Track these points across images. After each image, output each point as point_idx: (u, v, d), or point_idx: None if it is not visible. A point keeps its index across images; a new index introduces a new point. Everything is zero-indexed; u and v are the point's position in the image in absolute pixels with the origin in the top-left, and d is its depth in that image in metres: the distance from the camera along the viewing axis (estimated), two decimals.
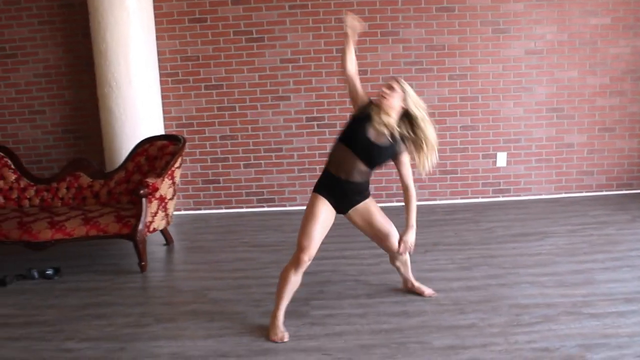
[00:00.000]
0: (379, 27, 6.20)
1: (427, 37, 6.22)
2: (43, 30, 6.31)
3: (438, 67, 6.28)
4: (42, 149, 6.55)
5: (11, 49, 6.36)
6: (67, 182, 5.56)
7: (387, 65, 6.26)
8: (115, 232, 4.87)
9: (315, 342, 3.52)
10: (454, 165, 6.47)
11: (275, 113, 6.37)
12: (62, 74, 6.40)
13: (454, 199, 6.54)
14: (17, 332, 3.88)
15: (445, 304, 3.96)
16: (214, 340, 3.62)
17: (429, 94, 6.30)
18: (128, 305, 4.26)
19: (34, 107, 6.48)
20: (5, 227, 4.91)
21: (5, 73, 6.41)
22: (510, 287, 4.19)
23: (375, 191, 6.44)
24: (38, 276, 4.87)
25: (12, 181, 5.57)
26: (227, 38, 6.25)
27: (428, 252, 5.01)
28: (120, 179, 5.49)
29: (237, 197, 6.57)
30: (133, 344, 3.63)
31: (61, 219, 4.92)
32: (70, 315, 4.11)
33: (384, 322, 3.74)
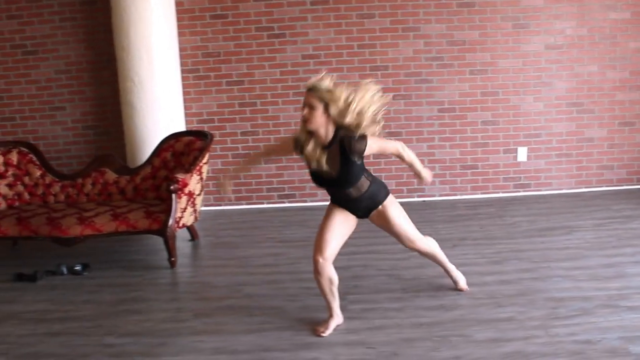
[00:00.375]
0: (400, 22, 6.26)
1: (447, 33, 6.28)
2: (64, 27, 6.34)
3: (459, 63, 6.34)
4: (62, 145, 6.59)
5: (32, 46, 6.39)
6: (92, 178, 5.61)
7: (408, 60, 6.33)
8: (145, 227, 4.92)
9: (357, 336, 3.57)
10: (474, 160, 6.55)
11: (297, 109, 6.40)
12: (83, 71, 6.44)
13: (474, 194, 6.62)
14: (54, 327, 3.93)
15: (481, 297, 4.02)
16: (255, 335, 3.66)
17: (449, 89, 6.39)
18: (163, 301, 4.32)
19: (54, 103, 6.52)
20: (34, 222, 4.96)
21: (26, 70, 6.44)
22: (544, 280, 4.26)
23: (395, 186, 6.55)
24: (67, 272, 4.91)
25: (37, 177, 5.61)
26: (248, 34, 6.30)
27: (456, 246, 5.07)
28: (147, 174, 5.54)
29: (258, 192, 6.63)
30: (174, 339, 3.68)
31: (90, 215, 4.97)
32: (107, 311, 4.16)
33: (422, 315, 3.79)
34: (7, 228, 4.99)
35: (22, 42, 6.39)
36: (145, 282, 4.68)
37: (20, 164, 5.59)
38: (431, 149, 6.50)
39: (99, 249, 5.47)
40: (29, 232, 4.97)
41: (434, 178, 6.51)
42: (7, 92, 6.50)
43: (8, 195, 5.50)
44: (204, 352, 3.49)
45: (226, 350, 3.48)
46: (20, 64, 6.43)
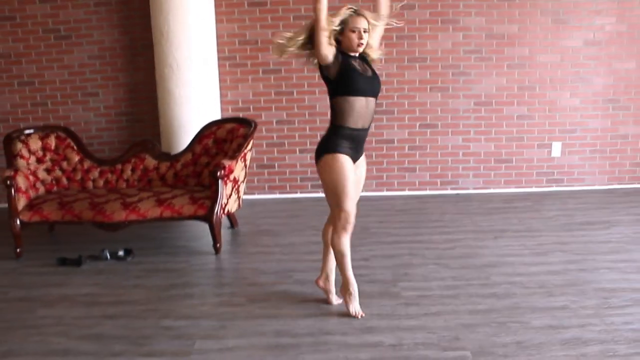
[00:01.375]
0: (440, 14, 6.45)
1: (487, 26, 6.48)
2: (99, 11, 6.48)
3: (497, 56, 6.54)
4: (94, 131, 6.74)
5: (66, 31, 6.52)
6: (132, 163, 5.76)
7: (446, 53, 6.53)
8: (190, 214, 5.09)
9: (417, 322, 3.74)
10: (509, 154, 6.75)
11: None
12: (116, 56, 6.59)
13: (507, 187, 6.82)
14: (110, 310, 4.08)
15: (532, 287, 4.22)
16: (314, 319, 3.83)
17: (487, 82, 6.59)
18: (215, 286, 4.52)
19: (87, 89, 6.67)
20: (77, 207, 5.13)
21: (59, 55, 6.57)
22: (591, 272, 4.47)
23: (430, 178, 6.76)
24: (110, 257, 5.07)
25: (76, 162, 5.76)
26: (286, 23, 6.44)
27: (498, 238, 5.28)
28: (187, 161, 5.70)
29: (291, 182, 6.81)
30: (233, 322, 3.83)
31: (134, 201, 5.14)
32: (159, 295, 4.32)
33: (478, 303, 3.98)
34: (50, 212, 5.15)
35: (56, 27, 6.53)
36: (191, 268, 4.86)
37: (59, 149, 5.74)
38: (466, 142, 6.71)
39: (140, 235, 5.65)
40: (72, 217, 5.13)
41: (468, 171, 6.75)
42: (39, 77, 6.64)
43: (46, 180, 5.65)
44: (267, 334, 3.65)
45: (288, 333, 3.65)
46: (53, 49, 6.57)
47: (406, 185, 6.81)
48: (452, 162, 6.76)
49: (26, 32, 6.55)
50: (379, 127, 6.65)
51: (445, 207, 6.29)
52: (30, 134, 5.67)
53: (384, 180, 6.77)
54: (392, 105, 6.64)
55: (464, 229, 5.57)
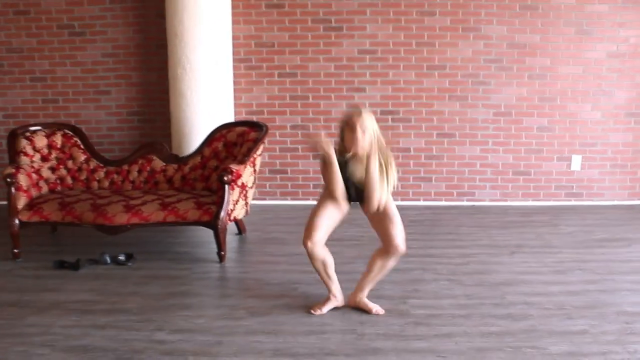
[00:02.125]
0: (461, 22, 6.19)
1: (508, 35, 6.21)
2: (114, 9, 6.30)
3: (518, 66, 6.27)
4: (105, 130, 6.55)
5: (80, 27, 6.34)
6: (139, 165, 5.54)
7: (466, 61, 6.26)
8: (195, 219, 4.84)
9: (426, 343, 3.46)
10: (527, 167, 6.46)
11: (350, 105, 6.41)
12: (130, 55, 6.40)
13: (525, 201, 6.53)
14: (101, 320, 3.82)
15: (550, 308, 3.92)
16: (316, 337, 3.57)
17: (506, 92, 6.32)
18: (215, 297, 4.27)
19: (99, 87, 6.48)
20: (79, 208, 4.90)
21: (72, 51, 6.39)
22: (611, 293, 4.15)
23: (445, 189, 6.54)
24: (110, 261, 4.84)
25: (82, 162, 5.54)
26: (304, 26, 6.25)
27: (514, 253, 4.99)
28: (196, 164, 5.46)
29: (304, 189, 6.57)
30: (230, 338, 3.57)
31: (137, 203, 4.90)
32: (155, 305, 4.06)
33: (491, 324, 3.68)
34: (50, 213, 4.93)
35: (70, 23, 6.35)
36: (193, 276, 4.61)
37: (65, 147, 5.52)
38: (484, 153, 6.43)
39: (143, 239, 5.41)
40: (72, 218, 4.90)
41: (485, 183, 6.52)
42: (51, 74, 6.46)
43: (50, 179, 5.42)
44: (264, 353, 3.38)
45: (287, 353, 3.38)
46: (67, 45, 6.39)
47: (421, 195, 6.56)
48: (469, 173, 6.50)
49: (40, 27, 6.39)
50: (395, 135, 6.40)
51: (460, 219, 6.02)
52: (36, 131, 5.46)
53: (399, 189, 6.55)
54: (409, 113, 6.39)
55: (479, 243, 5.29)
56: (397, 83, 6.33)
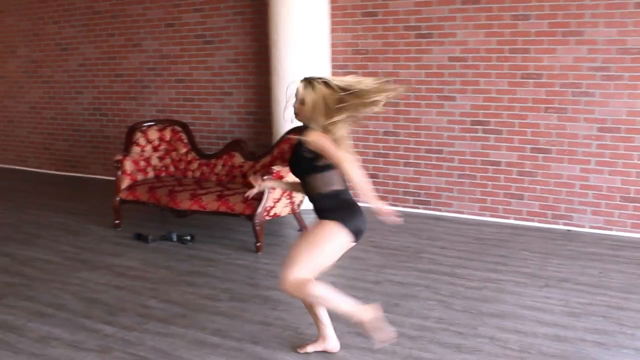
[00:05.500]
0: (561, 25, 5.55)
1: (618, 39, 5.37)
2: (236, 20, 7.03)
3: (630, 75, 5.37)
4: (228, 127, 7.32)
5: (210, 36, 7.24)
6: (223, 160, 6.17)
7: (566, 69, 5.58)
8: (240, 211, 5.33)
9: (344, 353, 3.49)
10: (639, 193, 5.54)
11: (439, 113, 6.14)
12: (248, 60, 7.06)
13: (634, 232, 5.55)
14: (125, 283, 4.65)
15: (511, 348, 3.52)
16: (261, 327, 3.81)
17: (615, 105, 5.47)
18: (221, 280, 4.69)
19: (224, 88, 7.27)
20: (159, 192, 5.74)
21: (205, 57, 7.31)
22: (608, 349, 3.52)
23: (539, 209, 5.89)
24: (176, 239, 5.57)
25: (182, 154, 6.37)
26: (396, 33, 6.21)
27: (548, 287, 4.43)
28: (266, 163, 5.89)
29: (393, 194, 6.51)
30: (196, 313, 4.05)
31: (202, 192, 5.57)
32: (173, 279, 4.72)
33: (428, 350, 3.51)
34: (141, 194, 5.89)
35: (203, 33, 7.24)
36: (225, 261, 5.12)
37: (172, 141, 6.41)
38: (585, 173, 5.64)
39: (218, 223, 6.06)
40: (154, 200, 5.78)
41: (586, 207, 5.69)
42: (189, 76, 7.45)
43: (157, 166, 6.37)
44: (206, 330, 3.79)
45: (221, 334, 3.73)
46: (201, 52, 7.31)
47: (512, 214, 5.99)
48: (567, 194, 5.75)
49: (182, 37, 7.34)
50: (485, 147, 6.00)
51: (533, 244, 5.41)
52: (151, 125, 6.44)
53: (487, 204, 6.06)
54: (500, 124, 5.92)
55: (521, 270, 4.77)
56: (489, 92, 5.89)
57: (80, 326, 3.89)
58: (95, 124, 8.42)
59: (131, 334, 3.76)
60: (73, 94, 8.58)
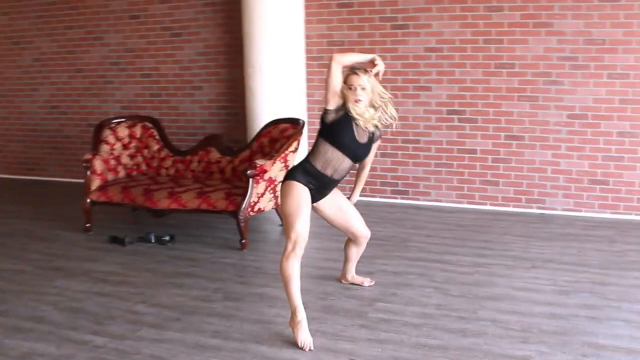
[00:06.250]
0: (532, 17, 5.84)
1: (585, 30, 5.70)
2: (206, 11, 7.01)
3: (596, 64, 5.72)
4: (198, 122, 7.31)
5: (178, 29, 7.17)
6: (199, 155, 6.15)
7: (537, 59, 5.88)
8: (222, 208, 5.32)
9: (352, 346, 3.54)
10: (605, 175, 5.87)
11: (416, 103, 6.38)
12: (219, 53, 7.06)
13: (601, 212, 5.93)
14: (107, 289, 4.51)
15: (513, 328, 3.70)
16: (261, 325, 3.83)
17: (582, 93, 5.81)
18: (210, 280, 4.66)
19: (194, 83, 7.25)
20: (134, 192, 5.65)
21: (173, 50, 7.27)
22: (600, 322, 3.76)
23: (513, 194, 6.28)
24: (154, 240, 5.51)
25: (155, 151, 6.31)
26: (372, 24, 6.37)
27: (534, 268, 4.68)
28: (245, 157, 5.91)
29: (371, 185, 6.65)
30: (189, 316, 3.99)
31: (180, 190, 5.52)
32: (158, 282, 4.63)
33: (434, 337, 3.63)
34: (113, 194, 5.78)
35: (171, 25, 7.20)
36: (210, 260, 5.10)
37: (142, 137, 6.33)
38: (556, 158, 5.98)
39: (197, 222, 6.05)
40: (128, 200, 5.70)
41: (557, 190, 6.12)
42: (156, 70, 7.39)
43: (128, 164, 6.28)
44: (204, 333, 3.75)
45: (221, 336, 3.71)
46: (168, 45, 7.26)
47: (488, 200, 6.31)
48: (540, 179, 6.10)
49: (148, 29, 7.34)
50: (461, 136, 6.27)
51: (513, 228, 5.71)
52: (120, 122, 6.35)
53: (465, 192, 6.36)
54: (475, 113, 6.19)
55: (507, 254, 5.01)
56: (464, 82, 6.17)
57: (66, 339, 3.71)
58: (54, 123, 8.18)
59: (124, 342, 3.63)
60: (27, 92, 8.31)
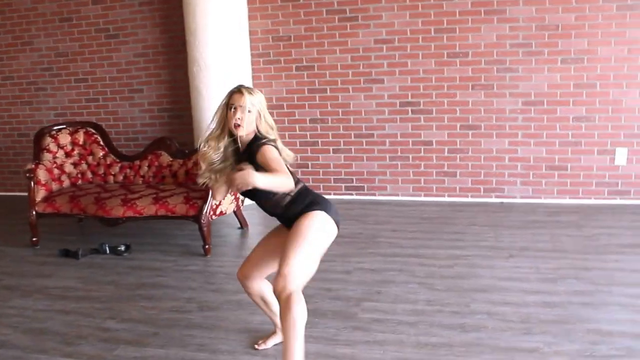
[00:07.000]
0: (483, 4, 5.55)
1: (537, 16, 5.47)
2: (143, 11, 6.39)
3: (549, 50, 5.50)
4: (139, 126, 6.67)
5: (114, 30, 6.51)
6: (148, 160, 5.59)
7: (490, 47, 5.61)
8: (182, 213, 4.82)
9: (351, 350, 3.16)
10: (563, 161, 5.68)
11: (368, 97, 5.97)
12: (159, 54, 6.45)
13: (561, 198, 5.75)
14: (70, 306, 3.96)
15: (512, 320, 3.40)
16: (248, 335, 3.39)
17: (537, 79, 5.58)
18: (180, 289, 4.17)
19: (133, 85, 6.60)
20: (84, 201, 5.06)
21: (109, 53, 6.58)
22: (596, 307, 3.52)
23: (472, 184, 5.91)
24: (109, 251, 4.95)
25: (100, 157, 5.69)
26: (319, 17, 5.93)
27: (512, 257, 4.40)
28: (198, 159, 5.38)
29: (325, 182, 6.25)
30: (168, 330, 3.52)
31: (134, 197, 4.96)
32: (123, 294, 4.12)
33: (434, 334, 3.27)
34: (61, 205, 5.15)
35: (106, 26, 6.53)
36: (174, 268, 4.58)
37: (86, 144, 5.69)
38: (513, 146, 5.74)
39: (146, 230, 5.47)
40: (78, 210, 5.09)
41: (515, 178, 5.79)
42: (91, 75, 6.69)
43: (72, 173, 5.62)
44: (189, 347, 3.29)
45: (209, 349, 3.26)
46: (104, 47, 6.58)
47: (446, 191, 5.97)
48: (497, 167, 5.82)
49: (81, 32, 6.60)
50: (415, 128, 5.92)
51: (477, 218, 5.42)
52: (61, 129, 5.68)
53: (422, 184, 5.99)
54: (430, 104, 5.85)
55: (481, 244, 4.72)
56: (416, 73, 5.81)
57: None
58: None
59: None
60: None
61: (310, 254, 2.73)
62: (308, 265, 2.72)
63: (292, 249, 2.69)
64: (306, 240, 2.74)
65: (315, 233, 2.79)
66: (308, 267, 2.72)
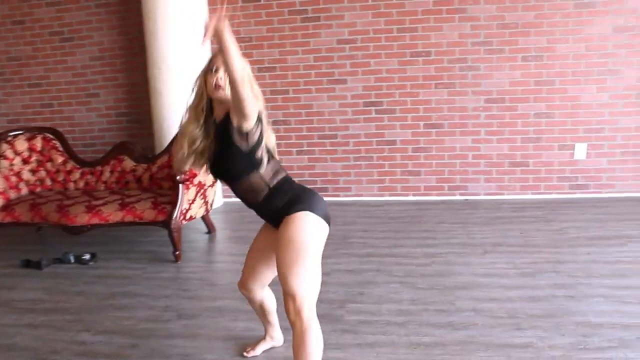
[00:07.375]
0: (445, 3, 5.47)
1: (498, 15, 5.42)
2: (99, 13, 6.04)
3: (510, 48, 5.47)
4: (97, 132, 6.30)
5: (69, 33, 6.14)
6: (110, 165, 5.24)
7: (452, 45, 5.53)
8: (151, 219, 4.52)
9: (343, 353, 2.97)
10: (525, 157, 5.65)
11: (331, 97, 5.79)
12: (116, 57, 6.11)
13: (524, 194, 5.72)
14: (38, 319, 3.63)
15: (500, 316, 3.28)
16: (233, 342, 3.15)
17: (498, 77, 5.54)
18: (154, 297, 3.88)
19: (89, 90, 6.24)
20: (45, 209, 4.69)
21: (64, 57, 6.20)
22: (580, 300, 3.44)
23: (436, 182, 5.79)
24: (74, 260, 4.62)
25: (59, 164, 5.31)
26: (281, 18, 5.72)
27: (487, 253, 4.29)
28: (163, 163, 5.09)
29: None
30: (147, 340, 3.24)
31: (99, 204, 4.62)
32: (94, 305, 3.81)
33: (425, 334, 3.12)
34: (21, 214, 4.77)
35: (60, 29, 6.15)
36: (144, 276, 4.27)
37: (44, 150, 5.30)
38: (476, 143, 5.67)
39: (112, 237, 5.13)
40: (39, 219, 4.72)
41: (479, 175, 5.71)
42: (45, 79, 6.29)
43: (30, 180, 5.23)
44: (172, 358, 3.03)
45: (194, 359, 3.00)
46: (58, 51, 6.19)
47: (410, 190, 5.85)
48: (461, 165, 5.74)
49: (35, 35, 6.20)
50: (379, 128, 5.78)
51: (444, 215, 5.31)
52: (18, 135, 5.28)
53: (386, 184, 5.86)
54: (393, 103, 5.72)
55: (454, 241, 4.60)
56: (379, 73, 5.67)
57: None
58: None
59: None
60: None
61: (313, 267, 2.41)
62: (313, 281, 2.40)
63: (291, 265, 2.37)
64: (303, 254, 2.39)
65: (310, 242, 2.43)
66: (314, 282, 2.40)
